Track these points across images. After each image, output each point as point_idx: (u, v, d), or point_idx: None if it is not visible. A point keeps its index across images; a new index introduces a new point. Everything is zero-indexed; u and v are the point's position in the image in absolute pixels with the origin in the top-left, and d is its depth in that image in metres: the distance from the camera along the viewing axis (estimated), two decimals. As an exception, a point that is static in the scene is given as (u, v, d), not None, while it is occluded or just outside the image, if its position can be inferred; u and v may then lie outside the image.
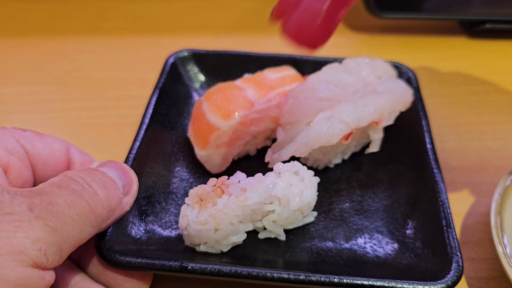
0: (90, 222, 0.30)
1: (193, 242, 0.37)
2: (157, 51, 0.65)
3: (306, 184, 0.39)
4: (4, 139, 0.32)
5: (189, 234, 0.36)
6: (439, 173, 0.41)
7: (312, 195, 0.39)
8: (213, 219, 0.35)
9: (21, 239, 0.25)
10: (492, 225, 0.38)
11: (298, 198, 0.38)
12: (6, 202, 0.26)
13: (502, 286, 0.39)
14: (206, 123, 0.43)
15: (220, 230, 0.36)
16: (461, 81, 0.62)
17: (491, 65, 0.66)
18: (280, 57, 0.54)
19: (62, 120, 0.55)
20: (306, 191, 0.38)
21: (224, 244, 0.37)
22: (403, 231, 0.39)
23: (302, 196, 0.38)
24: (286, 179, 0.39)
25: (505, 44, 0.70)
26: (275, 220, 0.38)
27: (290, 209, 0.38)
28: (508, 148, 0.52)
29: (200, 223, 0.35)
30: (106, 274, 0.35)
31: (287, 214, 0.38)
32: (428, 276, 0.34)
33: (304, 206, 0.38)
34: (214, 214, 0.35)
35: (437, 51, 0.68)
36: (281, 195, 0.38)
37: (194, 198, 0.36)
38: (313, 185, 0.39)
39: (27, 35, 0.69)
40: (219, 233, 0.36)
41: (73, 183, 0.31)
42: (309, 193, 0.38)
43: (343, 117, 0.40)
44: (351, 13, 0.76)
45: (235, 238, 0.37)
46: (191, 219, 0.35)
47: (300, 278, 0.32)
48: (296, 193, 0.38)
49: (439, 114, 0.56)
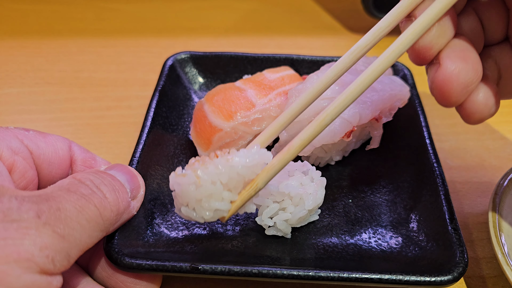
0: (98, 226, 0.30)
1: (177, 203, 0.35)
2: (157, 52, 0.66)
3: (317, 184, 0.39)
4: (8, 139, 0.32)
5: (174, 192, 0.35)
6: (439, 167, 0.42)
7: (322, 196, 0.39)
8: (193, 171, 0.33)
9: (28, 246, 0.25)
10: (490, 224, 0.39)
11: (312, 198, 0.38)
12: (14, 209, 0.26)
13: (500, 285, 0.40)
14: (208, 124, 0.44)
15: (200, 187, 0.33)
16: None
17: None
18: (277, 57, 0.55)
19: (63, 121, 0.55)
20: (319, 192, 0.39)
21: (206, 209, 0.34)
22: (407, 225, 0.40)
23: (316, 197, 0.38)
24: (298, 179, 0.39)
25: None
26: (288, 219, 0.38)
27: (305, 209, 0.38)
28: (506, 148, 0.53)
29: (181, 174, 0.34)
30: (116, 277, 0.35)
31: (301, 214, 0.38)
32: (434, 268, 0.34)
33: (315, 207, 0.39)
34: (196, 168, 0.34)
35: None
36: (294, 194, 0.38)
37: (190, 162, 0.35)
38: (322, 185, 0.40)
39: (29, 36, 0.69)
40: (200, 191, 0.34)
41: (82, 187, 0.30)
42: (321, 193, 0.39)
43: (344, 115, 0.41)
44: (349, 15, 0.77)
45: (218, 204, 0.34)
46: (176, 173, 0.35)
47: (309, 274, 0.33)
48: (311, 193, 0.38)
49: (438, 114, 0.57)
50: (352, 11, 0.78)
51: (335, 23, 0.76)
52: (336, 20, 0.76)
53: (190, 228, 0.40)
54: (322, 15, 0.78)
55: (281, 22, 0.76)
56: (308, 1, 0.81)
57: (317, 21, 0.76)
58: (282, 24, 0.75)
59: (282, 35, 0.73)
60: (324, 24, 0.76)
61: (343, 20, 0.76)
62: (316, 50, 0.69)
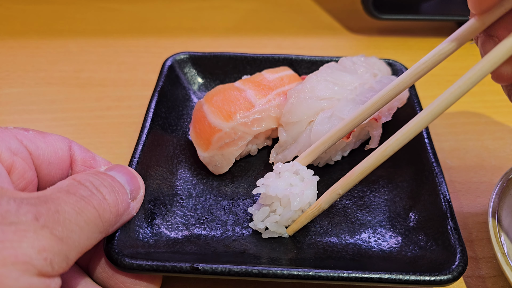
0: (97, 228, 0.30)
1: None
2: (157, 52, 0.66)
3: (306, 184, 0.39)
4: (7, 140, 0.32)
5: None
6: (438, 166, 0.42)
7: (313, 195, 0.39)
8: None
9: (26, 249, 0.25)
10: (490, 224, 0.39)
11: (299, 199, 0.38)
12: (12, 211, 0.26)
13: (500, 285, 0.40)
14: (207, 125, 0.44)
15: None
16: (459, 82, 0.64)
17: (489, 66, 0.66)
18: (276, 58, 0.55)
19: (64, 121, 0.55)
20: (306, 191, 0.39)
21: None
22: (406, 225, 0.40)
23: (303, 196, 0.38)
24: (287, 180, 0.39)
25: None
26: (278, 221, 0.39)
27: (292, 210, 0.38)
28: (506, 148, 0.53)
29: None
30: (116, 278, 0.35)
31: (289, 215, 0.38)
32: (433, 267, 0.34)
33: (305, 206, 0.39)
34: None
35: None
36: (281, 195, 0.38)
37: None
38: (313, 185, 0.40)
39: (30, 36, 0.69)
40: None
41: (81, 188, 0.30)
42: (309, 192, 0.39)
43: (343, 115, 0.41)
44: (349, 15, 0.77)
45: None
46: None
47: (309, 274, 0.33)
48: (297, 194, 0.38)
49: (437, 115, 0.57)
50: (351, 11, 0.78)
51: (335, 24, 0.76)
52: (335, 20, 0.77)
53: (190, 228, 0.40)
54: (322, 16, 0.78)
55: (280, 22, 0.76)
56: (307, 1, 0.81)
57: (316, 21, 0.76)
58: (282, 25, 0.75)
59: (281, 35, 0.73)
60: (324, 24, 0.76)
61: (342, 21, 0.76)
62: (316, 51, 0.69)
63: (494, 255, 0.37)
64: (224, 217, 0.41)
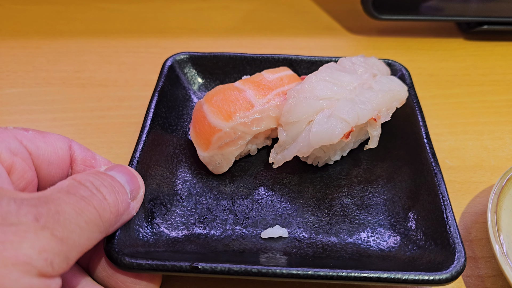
0: (97, 228, 0.30)
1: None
2: (158, 53, 0.66)
3: None
4: (7, 140, 0.32)
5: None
6: (437, 166, 0.42)
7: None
8: None
9: (26, 249, 0.25)
10: (489, 223, 0.39)
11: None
12: (12, 212, 0.26)
13: (499, 284, 0.40)
14: (207, 125, 0.44)
15: None
16: (458, 82, 0.63)
17: (488, 66, 0.66)
18: (275, 58, 0.55)
19: (64, 121, 0.55)
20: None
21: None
22: (405, 224, 0.40)
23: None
24: None
25: (502, 45, 0.71)
26: None
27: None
28: (505, 148, 0.53)
29: None
30: (116, 277, 0.35)
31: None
32: (432, 266, 0.35)
33: None
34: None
35: (434, 52, 0.69)
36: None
37: None
38: None
39: (30, 36, 0.70)
40: None
41: (81, 189, 0.30)
42: None
43: (342, 115, 0.41)
44: (349, 15, 0.77)
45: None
46: None
47: (309, 273, 0.33)
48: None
49: (437, 115, 0.57)
50: (351, 12, 0.78)
51: (335, 24, 0.76)
52: (335, 20, 0.77)
53: (190, 227, 0.40)
54: (322, 16, 0.78)
55: (280, 22, 0.76)
56: (307, 1, 0.82)
57: (316, 22, 0.76)
58: (282, 25, 0.76)
59: (281, 35, 0.73)
60: (324, 25, 0.76)
61: (342, 21, 0.76)
62: (316, 51, 0.69)
63: (493, 254, 0.37)
64: (223, 217, 0.42)
